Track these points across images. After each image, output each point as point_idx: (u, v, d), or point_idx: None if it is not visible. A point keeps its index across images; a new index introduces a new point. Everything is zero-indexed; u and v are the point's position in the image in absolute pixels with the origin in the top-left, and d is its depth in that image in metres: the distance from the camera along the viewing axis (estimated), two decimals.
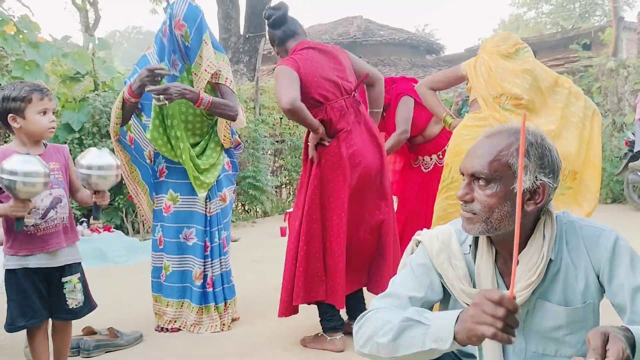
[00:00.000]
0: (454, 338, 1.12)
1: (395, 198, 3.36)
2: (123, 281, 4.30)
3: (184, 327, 3.07)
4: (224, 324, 3.07)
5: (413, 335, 1.20)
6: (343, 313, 2.89)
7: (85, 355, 2.69)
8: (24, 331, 2.58)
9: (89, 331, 2.81)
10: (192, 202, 3.07)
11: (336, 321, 2.75)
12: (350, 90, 2.75)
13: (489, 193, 1.28)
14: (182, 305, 3.10)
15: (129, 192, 5.89)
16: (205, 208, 3.08)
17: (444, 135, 3.44)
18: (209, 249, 3.08)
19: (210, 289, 3.07)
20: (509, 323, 1.04)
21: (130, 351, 2.80)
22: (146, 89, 2.81)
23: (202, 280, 3.06)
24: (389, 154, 3.30)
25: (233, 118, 3.01)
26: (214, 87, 3.05)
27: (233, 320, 3.21)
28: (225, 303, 3.13)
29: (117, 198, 6.12)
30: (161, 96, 2.73)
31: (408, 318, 1.22)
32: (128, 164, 3.18)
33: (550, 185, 1.30)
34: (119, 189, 6.27)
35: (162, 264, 3.11)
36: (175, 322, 3.09)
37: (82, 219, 5.45)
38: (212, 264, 3.08)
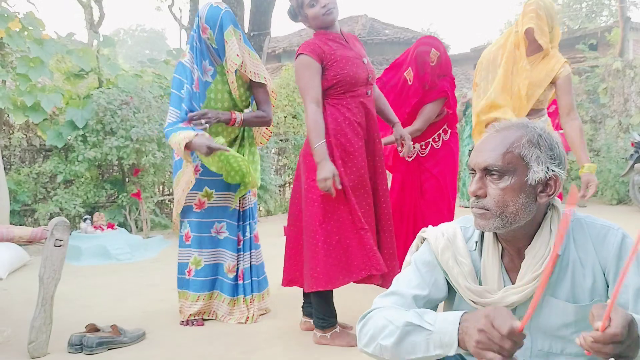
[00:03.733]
0: (459, 345, 1.14)
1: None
2: (126, 278, 4.30)
3: (213, 317, 3.18)
4: (248, 317, 3.14)
5: (415, 340, 1.20)
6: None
7: (88, 352, 2.68)
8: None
9: (92, 328, 2.81)
10: (226, 198, 3.16)
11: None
12: None
13: (503, 186, 1.27)
14: (211, 297, 3.19)
15: (132, 190, 5.97)
16: (239, 203, 3.18)
17: (430, 127, 3.52)
18: (242, 242, 3.18)
19: (241, 282, 3.17)
20: (514, 351, 1.07)
21: (133, 348, 2.79)
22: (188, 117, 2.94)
23: (234, 273, 3.16)
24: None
25: (269, 124, 3.20)
26: (253, 85, 3.15)
27: (265, 313, 3.30)
28: (252, 295, 3.20)
29: (120, 196, 6.13)
30: (202, 120, 2.91)
31: (409, 323, 1.21)
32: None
33: (561, 176, 1.30)
34: (122, 186, 6.28)
35: (188, 259, 3.15)
36: (203, 313, 3.17)
37: (85, 216, 5.45)
38: (243, 257, 3.18)
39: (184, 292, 3.17)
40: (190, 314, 3.12)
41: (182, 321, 3.13)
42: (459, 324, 1.14)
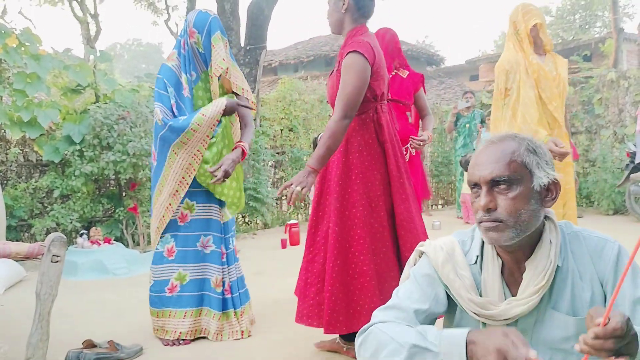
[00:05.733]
0: None
1: None
2: (123, 293, 4.28)
3: (206, 334, 3.09)
4: (242, 331, 3.10)
5: None
6: None
7: None
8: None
9: (89, 344, 2.79)
10: (208, 210, 3.11)
11: None
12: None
13: (513, 195, 1.28)
14: (200, 313, 3.10)
15: (129, 204, 5.96)
16: (220, 215, 3.13)
17: (409, 130, 3.50)
18: (225, 255, 3.13)
19: (229, 295, 3.11)
20: None
21: None
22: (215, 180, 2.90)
23: (221, 287, 3.09)
24: None
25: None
26: (233, 94, 3.17)
27: (251, 324, 3.26)
28: (242, 308, 3.16)
29: (117, 210, 6.12)
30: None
31: (415, 345, 1.21)
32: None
33: (559, 180, 1.33)
34: (119, 201, 6.27)
35: (170, 276, 3.05)
36: (195, 331, 3.07)
37: (81, 231, 5.43)
38: (229, 270, 3.13)
39: (166, 310, 3.04)
40: (181, 332, 3.01)
41: (168, 340, 3.01)
42: (466, 345, 1.14)
